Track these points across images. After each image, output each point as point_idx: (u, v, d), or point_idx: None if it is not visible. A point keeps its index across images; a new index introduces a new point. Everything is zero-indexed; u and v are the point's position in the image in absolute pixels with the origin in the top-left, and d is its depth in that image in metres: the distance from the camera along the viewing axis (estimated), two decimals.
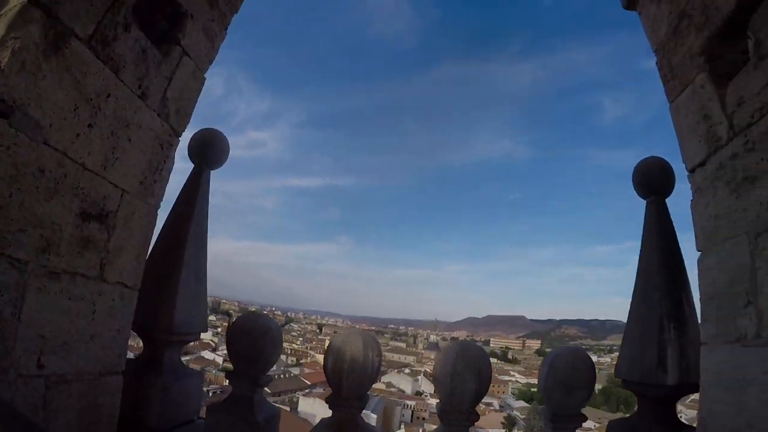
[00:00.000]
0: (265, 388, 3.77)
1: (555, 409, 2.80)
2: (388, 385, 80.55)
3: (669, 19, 2.85)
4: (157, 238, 3.73)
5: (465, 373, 2.70)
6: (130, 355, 3.55)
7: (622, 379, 3.00)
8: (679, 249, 3.03)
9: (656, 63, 2.96)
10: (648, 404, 2.93)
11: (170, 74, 3.14)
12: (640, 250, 3.10)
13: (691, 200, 2.64)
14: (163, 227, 3.82)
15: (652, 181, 3.06)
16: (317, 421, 3.41)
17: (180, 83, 3.26)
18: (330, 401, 3.16)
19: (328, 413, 3.20)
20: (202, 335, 4.29)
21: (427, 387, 78.42)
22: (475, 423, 2.82)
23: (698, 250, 2.58)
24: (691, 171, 2.66)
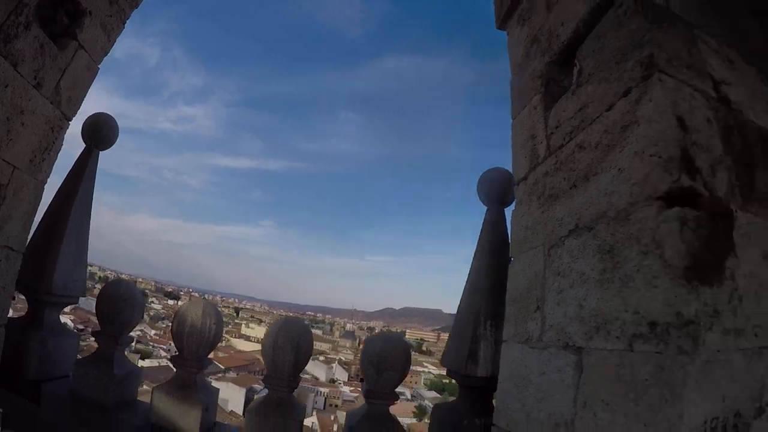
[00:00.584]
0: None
1: (369, 386, 2.91)
2: (303, 372, 79.75)
3: (525, 42, 2.93)
4: (46, 209, 4.05)
5: (285, 346, 2.90)
6: None
7: (447, 368, 3.11)
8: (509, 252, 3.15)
9: (510, 82, 3.05)
10: (466, 392, 3.03)
11: (65, 66, 3.38)
12: (474, 252, 3.21)
13: (512, 211, 2.75)
14: (52, 200, 4.11)
15: (491, 190, 3.16)
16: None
17: (74, 74, 3.50)
18: (173, 361, 3.39)
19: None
20: None
21: (341, 374, 76.30)
22: (295, 389, 3.00)
23: (511, 257, 2.67)
24: (517, 184, 2.73)
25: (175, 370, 3.43)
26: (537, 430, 2.22)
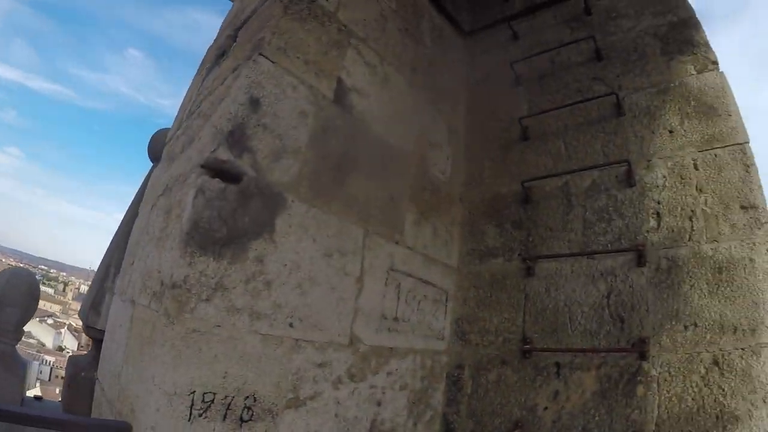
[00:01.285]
0: None
1: None
2: (27, 335, 65.73)
3: (231, 16, 2.81)
4: None
5: None
6: None
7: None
8: None
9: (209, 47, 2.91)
10: (93, 344, 2.83)
11: None
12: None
13: (154, 168, 2.63)
14: None
15: (153, 148, 3.00)
16: None
17: None
18: None
19: None
20: None
21: (70, 342, 57.87)
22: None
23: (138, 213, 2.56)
24: (166, 145, 2.61)
25: None
26: (108, 383, 2.07)
